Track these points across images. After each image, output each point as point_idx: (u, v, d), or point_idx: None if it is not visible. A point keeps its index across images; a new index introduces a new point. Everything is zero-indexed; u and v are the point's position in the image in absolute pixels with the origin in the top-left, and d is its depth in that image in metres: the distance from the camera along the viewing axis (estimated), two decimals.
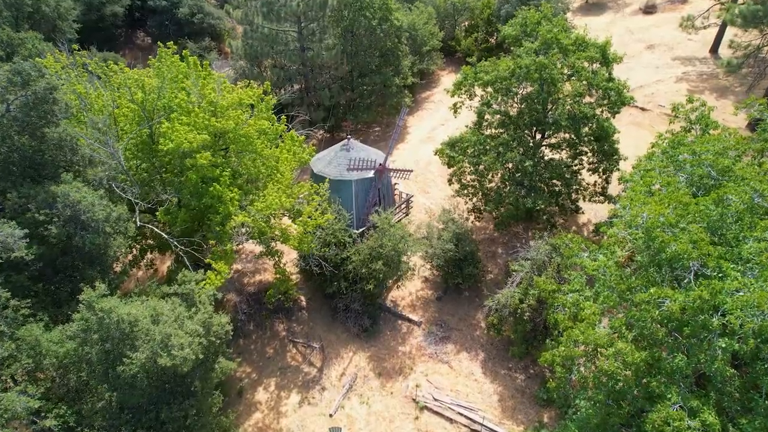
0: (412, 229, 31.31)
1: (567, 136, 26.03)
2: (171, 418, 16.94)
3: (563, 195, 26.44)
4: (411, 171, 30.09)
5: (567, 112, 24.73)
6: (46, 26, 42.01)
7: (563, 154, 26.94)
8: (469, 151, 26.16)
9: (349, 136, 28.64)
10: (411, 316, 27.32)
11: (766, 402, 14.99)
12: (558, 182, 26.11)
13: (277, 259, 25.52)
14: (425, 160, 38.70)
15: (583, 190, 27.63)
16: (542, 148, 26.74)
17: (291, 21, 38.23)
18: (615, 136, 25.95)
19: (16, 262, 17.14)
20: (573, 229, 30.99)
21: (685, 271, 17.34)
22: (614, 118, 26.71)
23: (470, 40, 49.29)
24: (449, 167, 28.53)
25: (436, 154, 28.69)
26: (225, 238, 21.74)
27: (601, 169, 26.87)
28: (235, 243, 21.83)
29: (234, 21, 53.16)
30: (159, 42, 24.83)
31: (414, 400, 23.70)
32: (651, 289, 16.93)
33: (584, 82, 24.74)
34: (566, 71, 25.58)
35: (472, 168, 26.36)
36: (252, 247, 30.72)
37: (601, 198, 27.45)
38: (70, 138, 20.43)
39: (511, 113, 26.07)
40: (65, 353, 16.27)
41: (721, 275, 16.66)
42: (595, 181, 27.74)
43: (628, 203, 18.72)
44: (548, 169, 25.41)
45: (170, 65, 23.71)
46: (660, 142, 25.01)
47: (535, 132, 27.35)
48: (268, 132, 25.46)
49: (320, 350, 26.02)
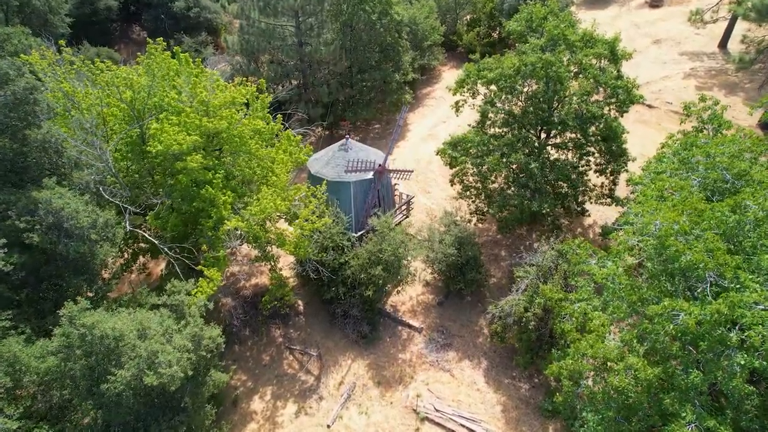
0: (412, 231, 30.50)
1: (573, 136, 25.06)
2: None
3: (569, 197, 25.49)
4: (411, 171, 29.15)
5: (574, 111, 23.79)
6: (38, 21, 40.94)
7: (569, 155, 25.98)
8: (472, 152, 25.19)
9: (347, 136, 27.66)
10: (411, 322, 26.47)
11: None
12: (564, 184, 25.17)
13: (272, 263, 24.67)
14: (426, 158, 37.75)
15: (589, 190, 26.71)
16: (547, 148, 25.76)
17: (288, 15, 37.17)
18: (623, 137, 24.95)
19: None
20: (578, 230, 30.11)
21: (699, 282, 16.47)
22: (622, 117, 25.77)
23: (472, 35, 48.20)
24: (451, 168, 27.60)
25: (437, 154, 27.74)
26: (217, 243, 20.85)
27: (608, 171, 25.91)
28: (228, 248, 20.89)
29: (230, 15, 52.13)
30: (148, 39, 23.79)
31: (414, 410, 22.90)
32: (664, 302, 16.05)
33: (592, 80, 23.74)
34: (573, 69, 24.59)
35: (474, 169, 25.41)
36: (248, 249, 29.85)
37: (609, 200, 26.51)
38: (54, 140, 19.52)
39: (516, 112, 25.08)
40: (47, 369, 15.44)
41: (738, 286, 15.80)
42: (602, 183, 26.81)
43: (640, 210, 17.76)
44: (554, 170, 24.47)
45: (160, 62, 22.70)
46: (670, 142, 24.10)
47: (540, 131, 26.40)
48: (263, 132, 24.53)
49: (318, 358, 25.20)
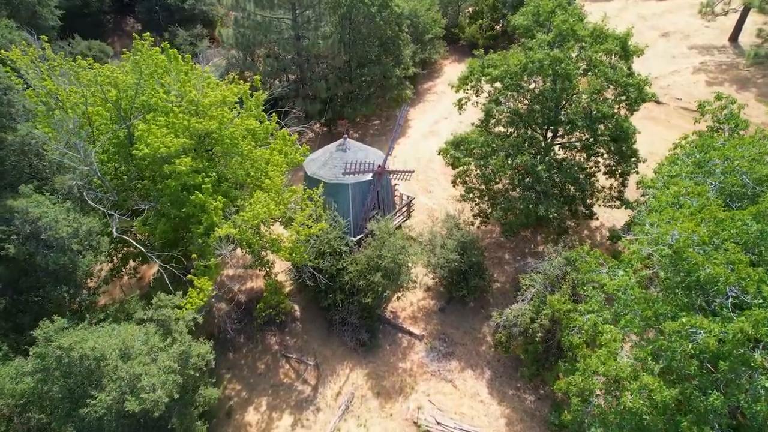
0: (413, 234, 29.45)
1: (582, 136, 23.93)
2: None
3: (577, 200, 24.40)
4: (412, 171, 28.05)
5: (583, 110, 22.65)
6: (26, 12, 39.56)
7: (577, 156, 24.85)
8: (476, 152, 24.05)
9: (345, 135, 26.53)
10: (412, 329, 25.50)
11: None
12: (571, 186, 24.06)
13: (267, 269, 23.67)
14: (427, 156, 36.58)
15: (597, 192, 25.62)
16: (554, 149, 24.65)
17: (285, 8, 35.87)
18: (634, 137, 23.81)
19: None
20: (585, 233, 29.06)
21: (719, 296, 15.46)
22: (631, 115, 24.63)
23: (475, 28, 46.83)
24: (453, 168, 26.49)
25: (439, 153, 26.64)
26: (208, 251, 19.81)
27: (618, 172, 24.79)
28: (220, 256, 19.86)
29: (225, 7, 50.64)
30: (135, 35, 22.56)
31: (415, 423, 21.99)
32: (682, 318, 15.06)
33: (602, 78, 22.56)
34: (582, 65, 23.41)
35: (478, 171, 24.29)
36: (242, 252, 28.82)
37: (618, 203, 25.40)
38: (34, 142, 18.43)
39: (521, 111, 23.90)
40: (23, 391, 14.47)
41: (762, 302, 14.78)
42: (611, 184, 25.70)
43: (655, 220, 16.68)
44: (561, 172, 23.37)
45: (148, 59, 21.50)
46: (684, 143, 22.98)
47: (546, 131, 25.26)
48: (257, 132, 23.42)
49: (315, 367, 24.26)
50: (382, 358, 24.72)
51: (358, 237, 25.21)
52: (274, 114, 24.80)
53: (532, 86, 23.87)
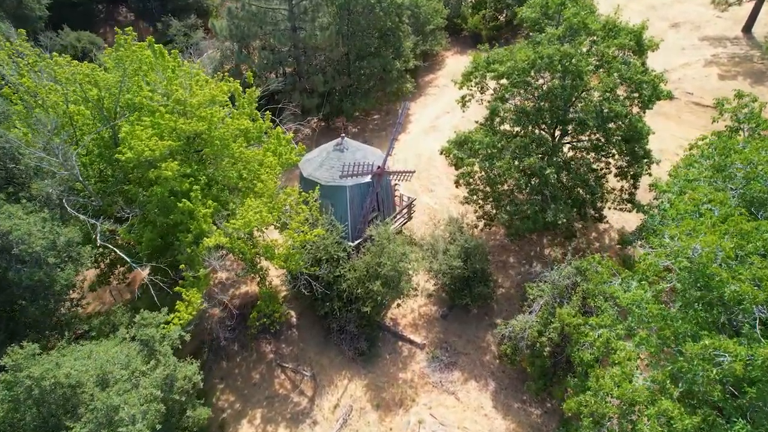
0: (415, 236, 28.31)
1: (592, 136, 22.67)
2: None
3: (587, 203, 23.18)
4: (413, 172, 26.83)
5: (594, 109, 21.36)
6: (11, 3, 38.09)
7: (587, 156, 23.57)
8: (481, 153, 22.78)
9: (343, 135, 25.25)
10: (413, 337, 24.45)
11: None
12: (581, 190, 22.84)
13: (261, 276, 22.58)
14: (428, 153, 35.28)
15: (606, 193, 24.40)
16: (563, 149, 23.41)
17: None
18: (648, 137, 22.55)
19: None
20: (593, 235, 27.89)
21: (746, 315, 14.34)
22: (644, 113, 23.35)
23: (478, 18, 45.30)
24: (456, 169, 25.24)
25: (441, 153, 25.38)
26: (197, 261, 18.68)
27: (629, 174, 23.55)
28: (209, 267, 18.72)
29: None
30: (117, 29, 21.20)
31: None
32: (704, 340, 13.95)
33: (615, 75, 21.25)
34: (593, 61, 22.09)
35: (483, 173, 23.04)
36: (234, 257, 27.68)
37: (629, 206, 24.19)
38: (9, 145, 17.20)
39: (528, 109, 22.59)
40: None
41: None
42: (622, 187, 24.47)
43: (676, 233, 15.49)
44: (571, 174, 22.17)
45: (131, 55, 20.16)
46: (701, 144, 21.73)
47: (555, 130, 23.98)
48: (250, 131, 22.19)
49: (312, 378, 23.25)
50: (382, 368, 23.70)
51: (356, 242, 24.05)
52: (267, 112, 23.50)
53: (540, 82, 22.55)
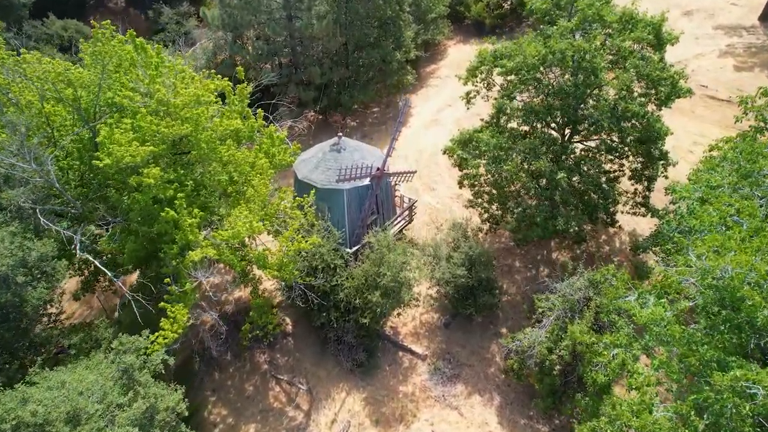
0: (415, 237, 27.05)
1: (606, 138, 21.24)
2: None
3: (599, 208, 21.83)
4: (414, 172, 25.48)
5: (609, 108, 19.91)
6: None
7: (599, 158, 22.17)
8: (487, 155, 21.35)
9: (340, 134, 23.82)
10: (414, 347, 23.30)
11: None
12: (594, 194, 21.48)
13: (254, 285, 21.34)
14: (430, 149, 33.88)
15: (618, 195, 23.03)
16: (575, 150, 22.00)
17: None
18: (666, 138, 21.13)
19: None
20: (603, 238, 26.60)
21: None
22: (660, 111, 21.90)
23: (481, 6, 43.50)
24: (460, 170, 23.87)
25: (444, 153, 23.99)
26: (183, 274, 17.41)
27: (644, 176, 22.17)
28: (195, 281, 17.46)
29: None
30: (93, 23, 19.61)
31: None
32: (735, 370, 12.72)
33: (632, 72, 19.75)
34: (608, 56, 20.57)
35: (489, 177, 21.64)
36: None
37: (643, 210, 22.84)
38: None
39: (538, 108, 21.11)
40: None
41: None
42: (636, 189, 23.09)
43: (703, 251, 14.16)
44: (583, 177, 20.80)
45: (110, 50, 18.63)
46: (722, 145, 20.32)
47: (565, 129, 22.54)
48: (241, 132, 20.78)
49: (308, 392, 22.14)
50: (381, 381, 22.58)
51: (354, 248, 22.76)
52: (260, 110, 22.05)
53: (550, 77, 21.06)
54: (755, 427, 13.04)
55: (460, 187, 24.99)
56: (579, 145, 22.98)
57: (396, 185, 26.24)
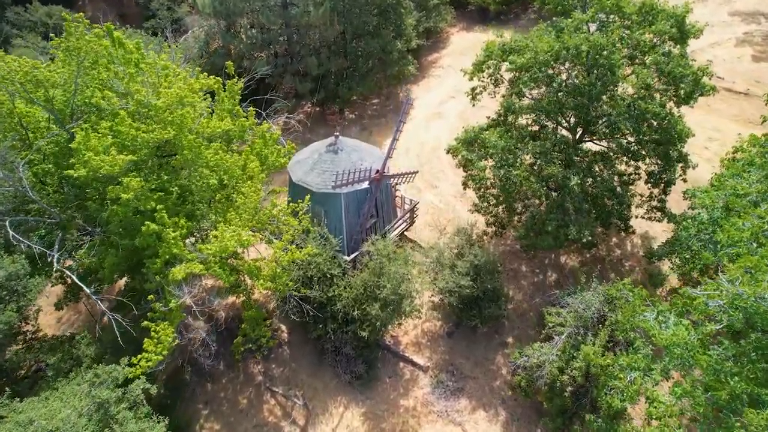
0: (417, 240, 25.81)
1: (623, 140, 19.83)
2: None
3: (613, 214, 20.51)
4: (416, 173, 24.11)
5: (627, 109, 18.47)
6: None
7: (614, 159, 20.78)
8: (495, 158, 19.95)
9: (337, 133, 22.38)
10: (415, 358, 22.18)
11: None
12: (608, 200, 20.13)
13: (246, 296, 20.14)
14: (432, 143, 32.45)
15: (632, 197, 21.69)
16: (588, 154, 20.61)
17: None
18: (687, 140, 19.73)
19: None
20: (613, 241, 25.34)
21: None
22: (679, 108, 20.49)
23: None
24: (465, 170, 22.51)
25: (448, 152, 22.61)
26: (167, 291, 16.17)
27: (663, 180, 20.80)
28: (179, 298, 16.21)
29: None
30: (65, 15, 18.00)
31: None
32: None
33: (653, 68, 18.28)
34: (625, 51, 19.08)
35: (497, 181, 20.28)
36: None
37: (659, 215, 21.52)
38: None
39: (549, 108, 19.64)
40: None
41: None
42: (651, 193, 21.73)
43: (737, 275, 12.89)
44: (596, 182, 19.46)
45: (85, 45, 17.06)
46: (746, 147, 18.94)
47: (577, 128, 21.12)
48: (231, 133, 19.37)
49: (304, 406, 21.09)
50: (381, 394, 21.52)
51: (352, 256, 21.51)
52: (251, 109, 20.60)
53: (563, 76, 19.58)
54: None
55: (465, 188, 23.65)
56: (591, 145, 21.63)
57: (396, 184, 24.88)
